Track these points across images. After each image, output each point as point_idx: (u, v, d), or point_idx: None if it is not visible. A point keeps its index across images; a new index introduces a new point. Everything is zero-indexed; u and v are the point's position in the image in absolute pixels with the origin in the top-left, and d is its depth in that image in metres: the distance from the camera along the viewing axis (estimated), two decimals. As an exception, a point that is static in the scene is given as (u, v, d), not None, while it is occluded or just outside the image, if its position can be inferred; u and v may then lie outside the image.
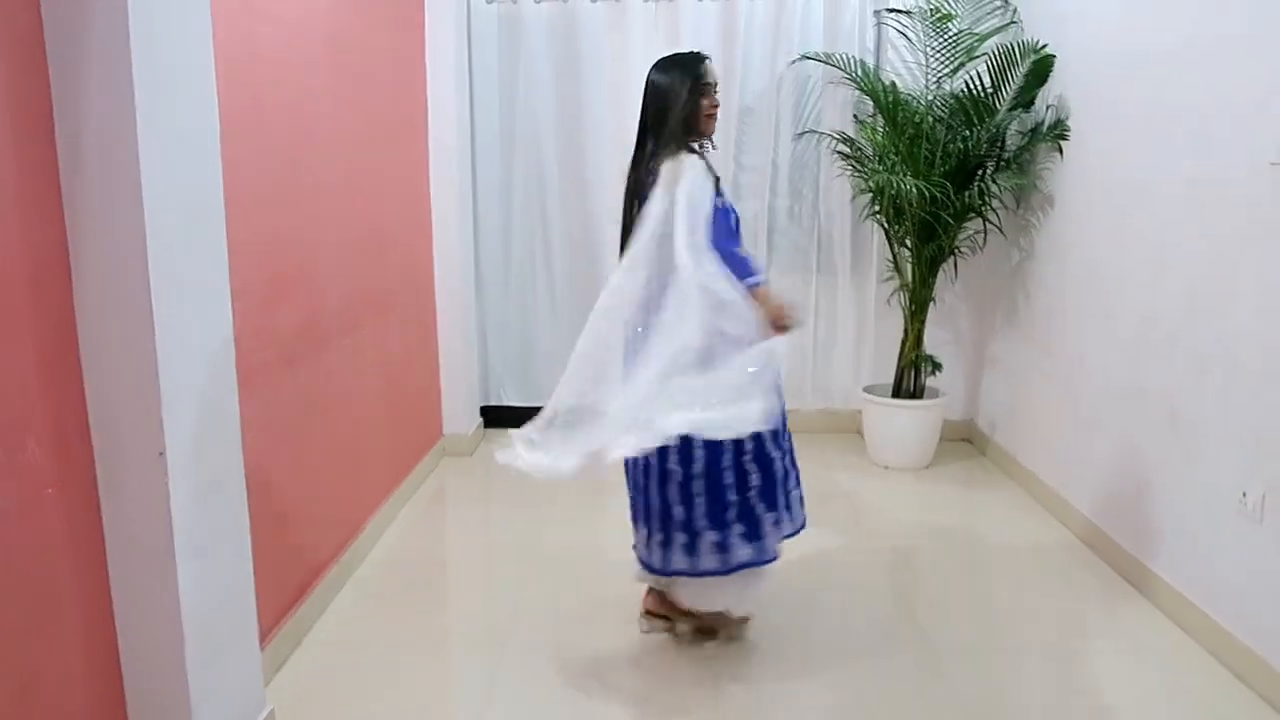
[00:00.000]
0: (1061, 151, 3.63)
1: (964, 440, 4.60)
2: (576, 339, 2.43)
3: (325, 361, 2.95)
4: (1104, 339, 3.28)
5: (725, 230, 2.40)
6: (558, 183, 4.64)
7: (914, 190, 3.62)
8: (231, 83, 2.27)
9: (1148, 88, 3.01)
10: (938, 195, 3.71)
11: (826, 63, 4.20)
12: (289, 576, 2.68)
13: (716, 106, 2.49)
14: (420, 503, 3.83)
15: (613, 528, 3.57)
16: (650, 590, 2.72)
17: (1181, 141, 2.80)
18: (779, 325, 2.32)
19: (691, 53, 2.52)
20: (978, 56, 3.93)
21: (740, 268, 2.34)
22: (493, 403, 4.90)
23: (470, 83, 4.46)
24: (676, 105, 2.41)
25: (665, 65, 2.50)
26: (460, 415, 4.43)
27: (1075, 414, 3.48)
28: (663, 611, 2.71)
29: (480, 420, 4.72)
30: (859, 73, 4.14)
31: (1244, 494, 2.47)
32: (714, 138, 2.56)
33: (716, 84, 2.50)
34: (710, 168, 2.45)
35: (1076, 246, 3.51)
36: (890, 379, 4.32)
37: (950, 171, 3.87)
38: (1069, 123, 3.57)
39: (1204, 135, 2.69)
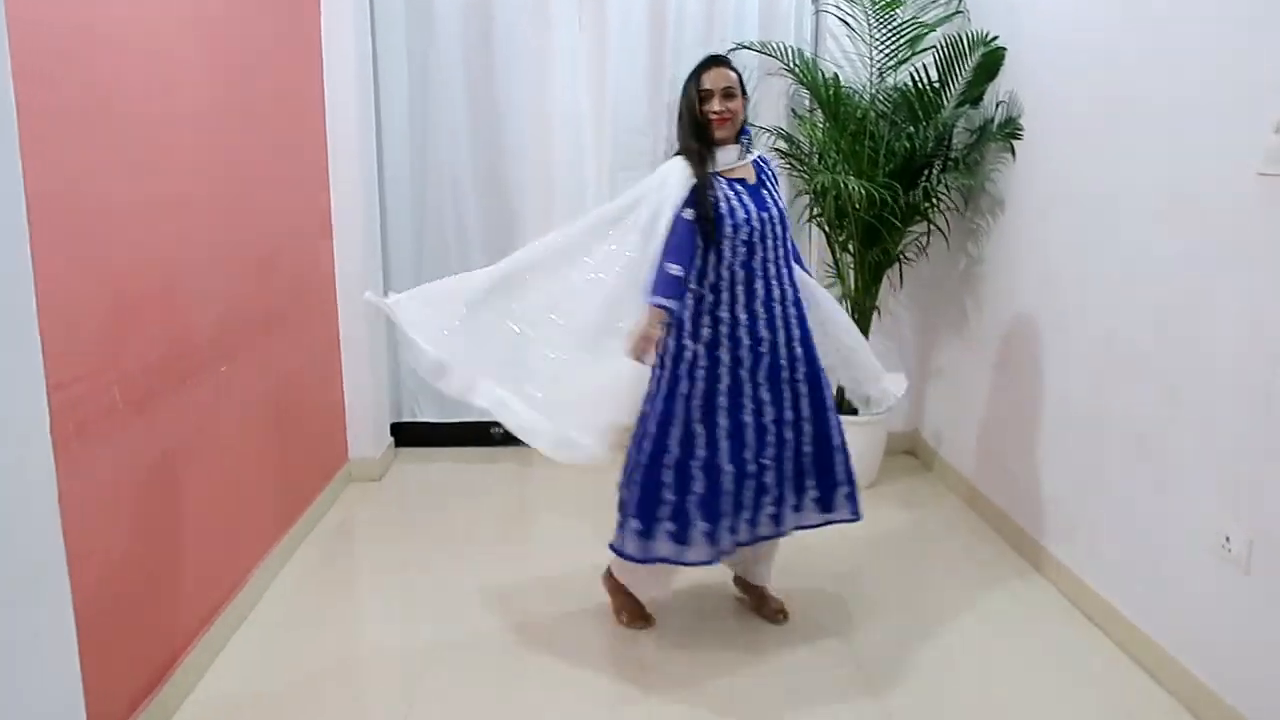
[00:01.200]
0: (1014, 152, 3.38)
1: (907, 453, 4.37)
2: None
3: (194, 396, 2.55)
4: (1063, 356, 3.05)
5: (671, 242, 2.48)
6: (473, 179, 4.26)
7: (860, 192, 3.34)
8: (58, 74, 1.87)
9: (1113, 85, 2.76)
10: (887, 198, 3.44)
11: (762, 52, 3.90)
12: (146, 659, 2.28)
13: (718, 113, 2.53)
14: (320, 540, 3.44)
15: (547, 559, 3.28)
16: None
17: (1154, 145, 2.56)
18: (632, 350, 2.45)
19: (707, 56, 2.63)
20: (923, 50, 3.67)
21: (656, 282, 2.46)
22: (406, 419, 4.52)
23: (375, 71, 4.06)
24: (683, 110, 2.60)
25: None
26: (367, 437, 4.04)
27: (1031, 435, 3.25)
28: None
29: (391, 440, 4.33)
30: (797, 63, 3.84)
31: (1226, 539, 2.24)
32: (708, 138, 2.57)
33: (725, 89, 2.53)
34: (698, 172, 2.52)
35: (1031, 255, 3.27)
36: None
37: (896, 171, 3.61)
38: (1021, 121, 3.33)
39: (1180, 139, 2.45)
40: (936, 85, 3.62)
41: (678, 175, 2.51)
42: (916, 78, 3.62)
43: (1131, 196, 2.65)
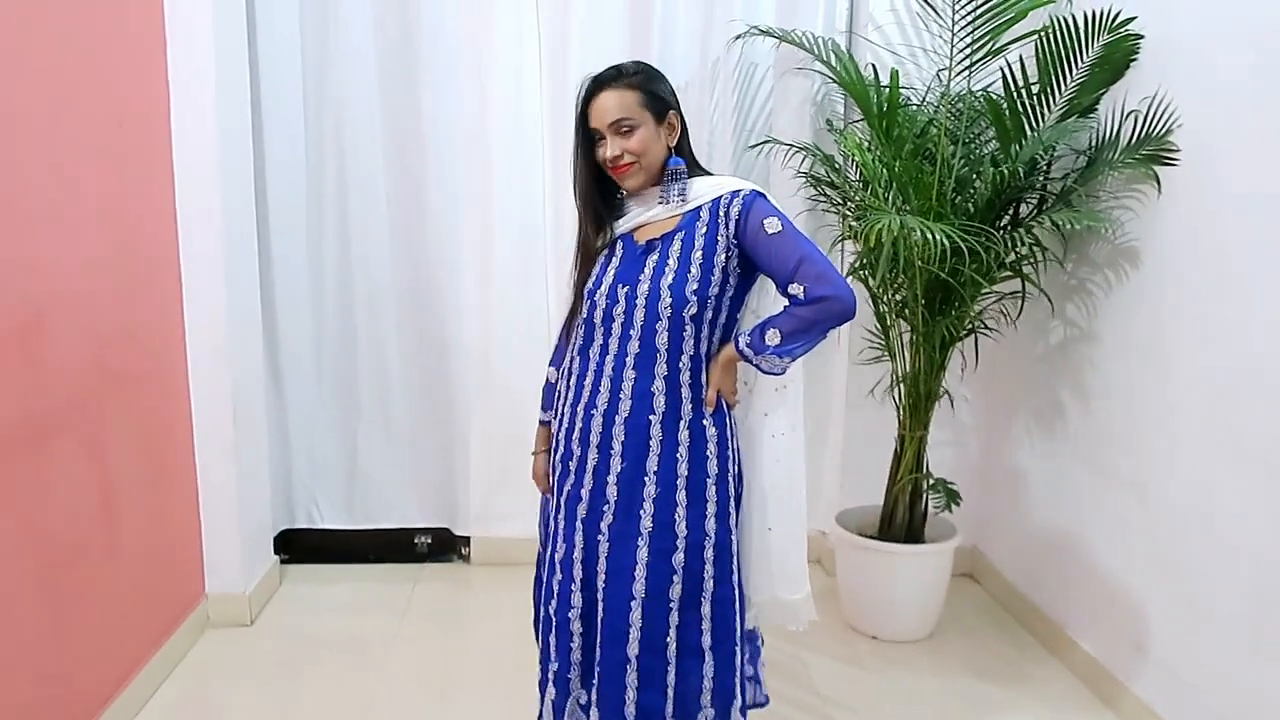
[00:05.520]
0: (1159, 183, 2.34)
1: (967, 576, 3.30)
2: (422, 432, 3.09)
3: None
4: (1254, 496, 1.99)
5: None
6: (387, 210, 3.16)
7: (939, 240, 2.26)
8: None
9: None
10: (976, 246, 2.37)
11: (785, 39, 2.84)
12: None
13: (614, 161, 1.72)
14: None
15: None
16: None
17: None
18: None
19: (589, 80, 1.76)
20: (1003, 48, 2.58)
21: None
22: (301, 525, 3.39)
23: (253, 63, 2.95)
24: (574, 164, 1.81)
25: None
26: (232, 565, 2.89)
27: (1195, 602, 2.19)
28: None
29: (276, 559, 3.19)
30: (832, 55, 2.79)
31: None
32: None
33: (617, 122, 1.71)
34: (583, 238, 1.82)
35: (1193, 339, 2.22)
36: (873, 500, 2.97)
37: (980, 208, 2.56)
38: (1173, 139, 2.28)
39: None
40: (1037, 89, 2.57)
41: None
42: (1009, 77, 2.56)
43: None
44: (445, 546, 3.43)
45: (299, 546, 3.36)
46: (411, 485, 3.36)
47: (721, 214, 1.71)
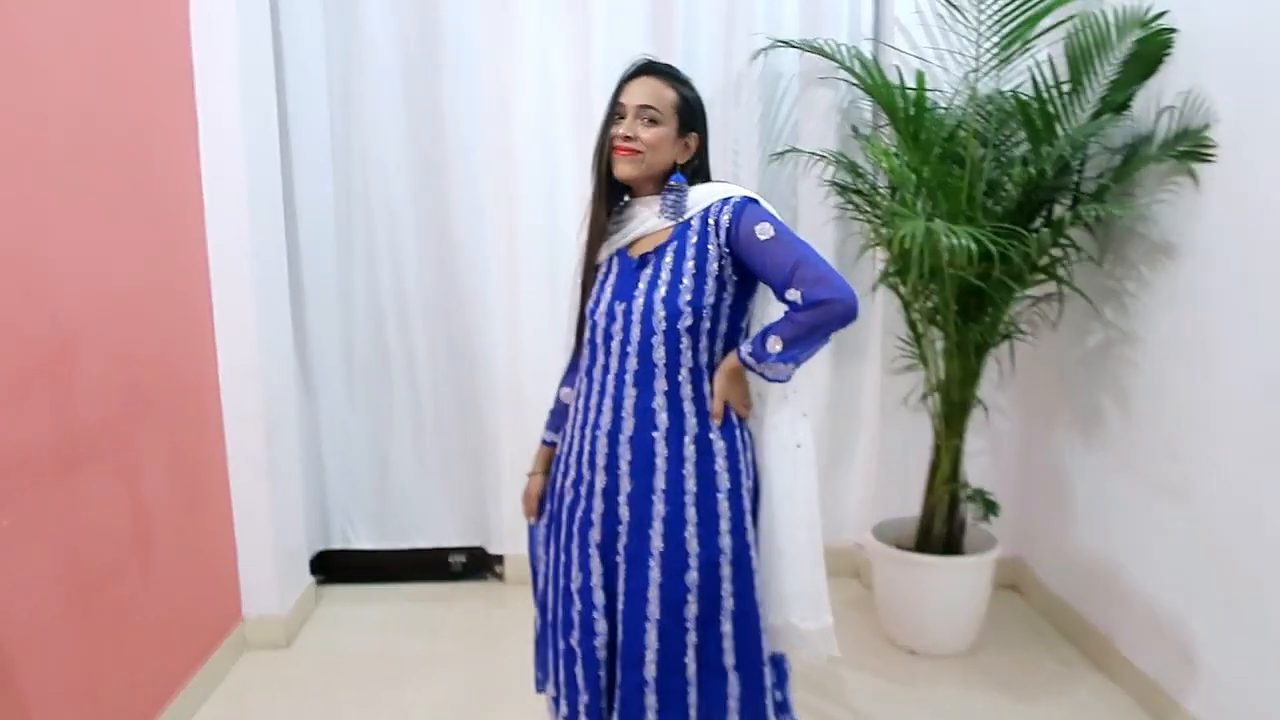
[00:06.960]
0: (1196, 178, 2.27)
1: (1010, 588, 3.22)
2: (455, 451, 3.15)
3: None
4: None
5: None
6: (414, 225, 3.17)
7: (966, 245, 2.22)
8: None
9: None
10: (1006, 250, 2.31)
11: (809, 50, 2.81)
12: None
13: (623, 140, 1.69)
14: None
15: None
16: None
17: None
18: None
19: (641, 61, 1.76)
20: (1030, 43, 2.55)
21: None
22: (336, 546, 3.40)
23: (279, 81, 2.98)
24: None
25: None
26: (268, 587, 2.90)
27: (1246, 612, 2.11)
28: None
29: (312, 580, 3.20)
30: (856, 62, 2.76)
31: None
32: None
33: (643, 108, 1.67)
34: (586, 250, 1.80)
35: (1237, 337, 2.15)
36: (909, 511, 2.92)
37: (1010, 212, 2.51)
38: (1210, 134, 2.22)
39: None
40: (1067, 89, 2.52)
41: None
42: (1038, 76, 2.52)
43: None
44: (479, 565, 3.42)
45: (334, 567, 3.37)
46: (445, 504, 3.36)
47: (711, 222, 1.66)
